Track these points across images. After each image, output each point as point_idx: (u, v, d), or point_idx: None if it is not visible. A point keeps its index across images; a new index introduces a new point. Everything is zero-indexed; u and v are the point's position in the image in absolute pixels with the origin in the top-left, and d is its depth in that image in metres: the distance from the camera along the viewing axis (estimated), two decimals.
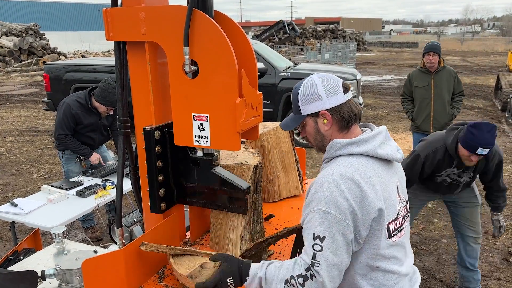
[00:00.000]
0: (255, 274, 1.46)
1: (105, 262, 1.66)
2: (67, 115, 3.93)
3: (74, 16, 40.87)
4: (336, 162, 1.47)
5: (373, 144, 1.48)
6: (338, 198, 1.36)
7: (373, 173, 1.44)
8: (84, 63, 8.60)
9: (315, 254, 1.35)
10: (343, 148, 1.49)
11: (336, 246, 1.35)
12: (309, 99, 1.53)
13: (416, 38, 61.84)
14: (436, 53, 4.81)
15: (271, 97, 7.58)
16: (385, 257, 1.46)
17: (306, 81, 1.57)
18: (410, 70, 21.25)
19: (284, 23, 23.04)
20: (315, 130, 1.57)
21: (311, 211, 1.40)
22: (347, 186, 1.37)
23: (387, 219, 1.44)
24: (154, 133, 1.84)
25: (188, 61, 1.68)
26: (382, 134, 1.54)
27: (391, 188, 1.50)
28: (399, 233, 1.51)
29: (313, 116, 1.55)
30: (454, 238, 4.36)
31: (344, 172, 1.41)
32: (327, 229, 1.35)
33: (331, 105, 1.50)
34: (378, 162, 1.49)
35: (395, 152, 1.53)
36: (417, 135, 5.17)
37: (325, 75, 1.56)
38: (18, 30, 24.16)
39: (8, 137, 8.72)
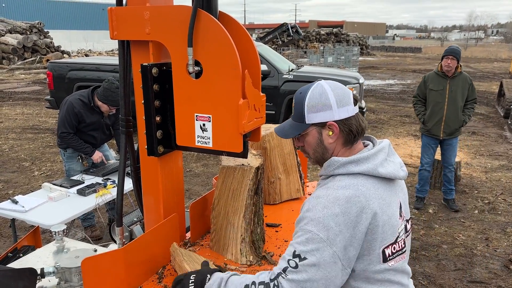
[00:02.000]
0: (218, 276, 1.41)
1: (104, 261, 1.66)
2: (69, 113, 3.93)
3: (79, 15, 41.02)
4: (334, 181, 1.37)
5: (374, 163, 1.38)
6: (329, 221, 1.26)
7: (373, 194, 1.33)
8: (88, 62, 8.61)
9: (287, 269, 1.28)
10: (342, 167, 1.38)
11: (313, 270, 1.25)
12: (317, 108, 1.41)
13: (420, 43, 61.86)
14: (455, 57, 4.75)
15: (274, 99, 7.59)
16: (379, 280, 1.37)
17: (314, 88, 1.44)
18: (413, 75, 21.36)
19: (287, 25, 23.07)
20: (317, 141, 1.45)
21: (300, 229, 1.32)
22: (342, 209, 1.28)
23: (383, 244, 1.34)
24: (151, 70, 1.77)
25: (191, 61, 1.68)
26: (384, 151, 1.43)
27: (392, 209, 1.39)
28: (398, 257, 1.40)
29: (319, 126, 1.43)
30: (454, 244, 4.36)
31: (341, 195, 1.30)
32: (309, 252, 1.25)
33: (340, 117, 1.40)
34: (379, 181, 1.38)
35: (398, 170, 1.42)
36: (426, 138, 5.14)
37: (335, 84, 1.46)
38: (22, 27, 24.23)
39: (10, 134, 8.73)
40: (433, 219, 4.99)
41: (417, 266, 3.97)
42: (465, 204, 5.45)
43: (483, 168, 6.85)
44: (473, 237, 4.55)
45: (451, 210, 5.21)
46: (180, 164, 2.16)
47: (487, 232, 4.67)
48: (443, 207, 5.32)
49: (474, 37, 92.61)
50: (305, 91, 1.46)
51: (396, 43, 66.27)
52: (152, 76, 1.79)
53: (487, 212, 5.21)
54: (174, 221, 1.99)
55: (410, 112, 11.31)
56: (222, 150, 1.79)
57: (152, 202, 2.06)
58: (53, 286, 1.90)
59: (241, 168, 1.92)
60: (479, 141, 8.68)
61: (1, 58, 21.88)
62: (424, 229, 4.74)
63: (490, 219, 5.01)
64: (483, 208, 5.31)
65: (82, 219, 4.33)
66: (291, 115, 1.53)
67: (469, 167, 6.91)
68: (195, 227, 2.18)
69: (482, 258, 4.13)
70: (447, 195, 5.29)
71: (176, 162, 2.11)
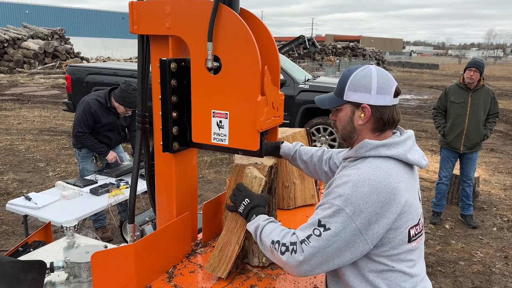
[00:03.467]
0: (259, 218, 1.58)
1: (114, 256, 1.62)
2: (86, 113, 3.95)
3: (99, 23, 41.85)
4: (365, 163, 1.42)
5: (404, 149, 1.44)
6: (358, 199, 1.33)
7: (401, 177, 1.40)
8: (106, 67, 8.72)
9: (311, 236, 1.37)
10: (374, 149, 1.43)
11: (334, 241, 1.34)
12: (357, 87, 1.45)
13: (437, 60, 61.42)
14: (478, 69, 4.64)
15: (289, 108, 7.55)
16: (402, 260, 1.43)
17: (363, 69, 1.48)
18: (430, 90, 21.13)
19: (304, 38, 23.14)
20: (348, 119, 1.50)
21: (327, 202, 1.40)
22: (372, 189, 1.34)
23: (409, 224, 1.41)
24: (170, 64, 1.75)
25: (210, 56, 1.65)
26: (412, 139, 1.51)
27: (415, 193, 1.48)
28: (418, 238, 1.48)
29: (353, 105, 1.47)
30: (472, 261, 4.23)
31: (373, 175, 1.36)
32: (334, 224, 1.34)
33: (376, 103, 1.44)
34: (405, 166, 1.45)
35: (421, 159, 1.50)
36: (445, 151, 5.02)
37: (383, 71, 1.48)
38: (44, 33, 24.79)
39: (27, 136, 8.85)
40: (449, 235, 4.86)
41: (433, 281, 3.84)
42: (483, 221, 5.30)
43: (501, 186, 6.68)
44: (491, 254, 4.41)
45: (469, 226, 5.07)
46: (194, 162, 2.12)
47: (506, 250, 4.51)
48: (460, 223, 5.17)
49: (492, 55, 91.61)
50: (354, 69, 1.50)
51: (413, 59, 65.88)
52: (170, 71, 1.78)
53: (506, 230, 5.06)
54: (186, 220, 1.95)
55: (426, 127, 11.15)
56: (238, 148, 1.76)
57: (165, 200, 2.03)
58: (61, 281, 1.87)
59: (254, 166, 1.87)
60: (498, 158, 8.49)
61: (23, 62, 22.37)
62: (440, 244, 4.60)
63: (510, 237, 4.85)
64: (502, 226, 5.15)
65: (93, 220, 4.33)
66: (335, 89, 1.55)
67: (488, 184, 6.74)
68: (207, 228, 2.13)
69: (501, 276, 3.98)
70: (465, 211, 5.15)
71: (191, 160, 2.08)
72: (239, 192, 1.71)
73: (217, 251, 1.82)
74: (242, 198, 1.68)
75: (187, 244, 2.00)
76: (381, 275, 1.42)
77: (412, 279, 1.46)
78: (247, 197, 1.67)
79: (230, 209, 1.75)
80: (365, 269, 1.43)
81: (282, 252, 1.41)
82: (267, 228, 1.53)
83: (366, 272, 1.43)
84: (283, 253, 1.41)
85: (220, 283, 1.78)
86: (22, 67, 22.18)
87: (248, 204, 1.65)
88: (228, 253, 1.79)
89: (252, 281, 1.80)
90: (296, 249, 1.38)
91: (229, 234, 1.81)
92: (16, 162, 6.99)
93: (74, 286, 1.83)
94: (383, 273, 1.42)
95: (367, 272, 1.42)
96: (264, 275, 1.85)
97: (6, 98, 13.90)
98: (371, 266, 1.42)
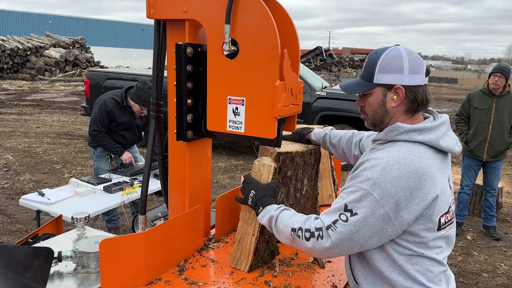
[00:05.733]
0: (269, 210, 1.53)
1: (124, 244, 1.56)
2: (102, 112, 3.94)
3: (119, 34, 42.66)
4: (395, 146, 1.37)
5: (436, 135, 1.38)
6: (386, 183, 1.27)
7: (433, 163, 1.34)
8: (125, 72, 8.81)
9: (337, 221, 1.32)
10: (405, 133, 1.37)
11: (362, 226, 1.29)
12: (389, 69, 1.39)
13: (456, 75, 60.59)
14: (504, 75, 4.46)
15: (306, 116, 7.46)
16: (430, 247, 1.38)
17: (391, 50, 1.42)
18: (449, 103, 20.75)
19: (321, 49, 23.11)
20: (380, 103, 1.43)
21: (354, 185, 1.34)
22: (402, 174, 1.28)
23: (440, 212, 1.35)
24: (186, 49, 1.71)
25: (228, 40, 1.60)
26: (446, 124, 1.44)
27: (445, 180, 1.41)
28: (448, 226, 1.42)
29: (385, 88, 1.41)
30: (496, 273, 4.04)
31: (403, 159, 1.31)
32: (362, 208, 1.29)
33: (409, 83, 1.38)
34: (436, 153, 1.39)
35: (454, 145, 1.43)
36: (468, 159, 4.83)
37: (412, 51, 1.43)
38: (65, 42, 25.36)
39: (45, 139, 8.96)
40: (471, 246, 4.66)
41: None
42: (507, 233, 5.08)
43: None
44: None
45: (492, 238, 4.86)
46: (209, 154, 2.06)
47: None
48: (483, 235, 4.97)
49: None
50: (381, 51, 1.44)
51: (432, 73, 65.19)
52: (186, 56, 1.73)
53: None
54: (199, 212, 1.88)
55: None
56: (254, 136, 1.69)
57: (177, 192, 1.96)
58: (69, 271, 1.81)
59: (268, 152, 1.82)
60: None
61: (44, 70, 22.87)
62: (462, 255, 4.42)
63: None
64: None
65: (106, 221, 4.29)
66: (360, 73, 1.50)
67: (511, 196, 6.50)
68: (221, 223, 2.06)
69: None
70: (488, 222, 4.94)
71: (205, 151, 2.01)
72: (246, 184, 1.68)
73: (236, 243, 1.77)
74: (249, 190, 1.65)
75: (199, 237, 1.92)
76: (410, 260, 1.37)
77: (440, 265, 1.42)
78: (253, 189, 1.64)
79: (242, 201, 1.72)
80: (393, 253, 1.37)
81: (307, 238, 1.36)
82: (282, 217, 1.48)
83: (395, 256, 1.37)
84: (308, 239, 1.36)
85: (233, 277, 1.70)
86: (43, 74, 22.67)
87: (254, 196, 1.62)
88: (246, 245, 1.72)
89: (267, 277, 1.71)
90: (323, 235, 1.34)
91: (245, 225, 1.74)
92: (33, 163, 7.05)
93: (82, 277, 1.77)
94: (412, 258, 1.37)
95: (396, 256, 1.37)
96: (279, 271, 1.76)
97: (27, 103, 14.16)
98: (400, 250, 1.37)
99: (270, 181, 1.67)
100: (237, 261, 1.76)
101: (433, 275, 1.40)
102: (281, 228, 1.46)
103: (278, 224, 1.48)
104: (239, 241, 1.75)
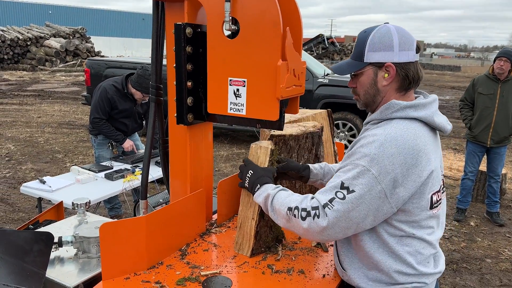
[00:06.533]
0: (266, 188, 1.51)
1: (125, 228, 1.53)
2: (102, 99, 3.91)
3: (119, 24, 42.36)
4: (391, 124, 1.36)
5: (430, 111, 1.39)
6: (384, 159, 1.26)
7: (427, 140, 1.35)
8: (125, 61, 8.74)
9: (334, 199, 1.29)
10: (401, 110, 1.36)
11: (359, 203, 1.27)
12: (378, 47, 1.37)
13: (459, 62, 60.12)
14: (509, 60, 4.37)
15: (308, 103, 7.40)
16: (422, 226, 1.38)
17: (380, 27, 1.40)
18: (451, 91, 20.63)
19: (323, 37, 22.89)
20: (371, 82, 1.42)
21: (350, 163, 1.32)
22: (399, 150, 1.27)
23: (432, 190, 1.35)
24: (185, 29, 1.66)
25: (228, 18, 1.55)
26: (436, 102, 1.44)
27: (438, 159, 1.41)
28: (439, 205, 1.42)
29: (376, 66, 1.39)
30: (499, 259, 4.03)
31: (400, 136, 1.30)
32: (359, 185, 1.27)
33: (400, 60, 1.36)
34: (429, 130, 1.39)
35: (446, 123, 1.45)
36: (472, 145, 4.77)
37: (401, 28, 1.41)
38: (66, 32, 25.17)
39: (46, 128, 8.94)
40: (475, 232, 4.64)
41: (457, 278, 3.66)
42: (510, 219, 5.06)
43: None
44: None
45: (495, 224, 4.84)
46: (210, 138, 2.03)
47: None
48: (486, 221, 4.95)
49: None
50: (370, 30, 1.42)
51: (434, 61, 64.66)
52: (185, 36, 1.68)
53: None
54: (200, 197, 1.85)
55: None
56: (256, 119, 1.65)
57: (178, 177, 1.94)
58: (70, 256, 1.79)
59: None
60: None
61: (44, 60, 22.76)
62: (466, 241, 4.40)
63: None
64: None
65: (108, 208, 4.28)
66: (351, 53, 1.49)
67: None
68: (222, 207, 2.03)
69: None
70: (491, 208, 4.92)
71: (206, 135, 1.98)
72: (244, 166, 1.66)
73: (238, 228, 1.75)
74: (247, 171, 1.62)
75: (201, 222, 1.90)
76: (400, 241, 1.37)
77: (431, 247, 1.41)
78: (251, 169, 1.62)
79: (240, 185, 1.70)
80: (384, 234, 1.36)
81: (303, 218, 1.33)
82: (280, 196, 1.46)
83: (385, 237, 1.36)
84: (304, 219, 1.33)
85: (236, 261, 1.68)
86: (44, 64, 22.57)
87: (252, 176, 1.59)
88: (247, 229, 1.70)
89: (269, 261, 1.69)
90: (319, 214, 1.31)
91: (245, 209, 1.71)
92: (34, 153, 7.04)
93: (83, 262, 1.75)
94: (403, 239, 1.37)
95: (386, 237, 1.36)
96: (282, 255, 1.73)
97: (28, 94, 14.12)
98: (391, 231, 1.36)
99: (268, 166, 1.65)
100: (239, 246, 1.74)
101: (423, 257, 1.40)
102: (277, 207, 1.43)
103: (274, 203, 1.45)
104: (240, 226, 1.73)
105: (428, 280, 1.44)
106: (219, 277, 1.55)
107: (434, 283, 1.50)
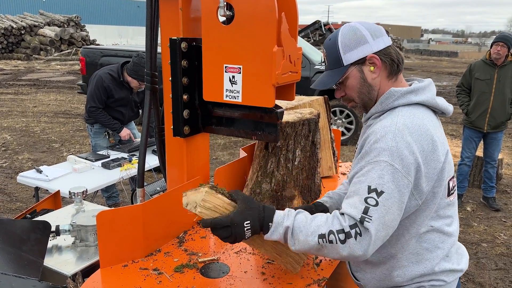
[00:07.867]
0: (280, 222, 1.24)
1: (122, 216, 1.54)
2: (98, 87, 3.88)
3: (114, 11, 41.88)
4: (395, 113, 1.29)
5: (431, 93, 1.35)
6: (403, 150, 1.19)
7: (434, 124, 1.31)
8: (121, 49, 8.66)
9: (368, 209, 1.16)
10: (402, 97, 1.31)
11: (391, 204, 1.17)
12: (352, 45, 1.34)
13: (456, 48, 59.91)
14: (506, 44, 4.36)
15: (305, 90, 7.35)
16: (441, 216, 1.33)
17: (342, 29, 1.37)
18: (449, 77, 20.60)
19: (320, 23, 22.74)
20: (360, 81, 1.37)
21: (369, 163, 1.21)
22: (415, 137, 1.21)
23: (448, 175, 1.31)
24: (180, 44, 1.66)
25: (223, 3, 1.53)
26: (433, 85, 1.40)
27: (446, 143, 1.36)
28: (454, 192, 1.39)
29: (358, 64, 1.35)
30: (495, 243, 4.07)
31: (410, 122, 1.24)
32: (386, 184, 1.17)
33: (378, 48, 1.33)
34: (433, 114, 1.36)
35: (447, 104, 1.41)
36: (468, 131, 4.79)
37: (362, 21, 1.40)
38: (60, 20, 24.88)
39: (42, 118, 8.90)
40: (471, 217, 4.68)
41: None
42: (507, 204, 5.10)
43: None
44: None
45: (491, 209, 4.88)
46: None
47: None
48: (482, 206, 4.99)
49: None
50: (334, 34, 1.40)
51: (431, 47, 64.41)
52: (181, 51, 1.68)
53: None
54: (197, 184, 1.85)
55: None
56: (252, 106, 1.64)
57: (175, 165, 1.93)
58: (68, 245, 1.79)
59: None
60: None
61: (39, 49, 22.54)
62: (462, 226, 4.44)
63: None
64: None
65: (106, 197, 4.29)
66: (326, 66, 1.45)
67: (511, 167, 6.50)
68: None
69: None
70: (487, 193, 4.95)
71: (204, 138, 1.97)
72: (223, 229, 1.24)
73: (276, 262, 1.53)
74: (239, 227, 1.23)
75: None
76: (420, 239, 1.32)
77: (449, 239, 1.36)
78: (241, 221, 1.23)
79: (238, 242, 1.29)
80: (405, 235, 1.30)
81: (342, 241, 1.16)
82: (300, 224, 1.22)
83: (404, 235, 1.31)
84: (344, 242, 1.15)
85: (233, 248, 1.69)
86: (38, 53, 22.36)
87: (253, 221, 1.24)
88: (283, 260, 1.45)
89: None
90: (360, 231, 1.15)
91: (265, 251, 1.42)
92: (31, 142, 7.02)
93: (81, 250, 1.76)
94: (422, 235, 1.32)
95: (406, 234, 1.31)
96: None
97: (23, 83, 14.02)
98: (412, 232, 1.31)
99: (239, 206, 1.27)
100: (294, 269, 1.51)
101: (443, 252, 1.34)
102: (302, 238, 1.21)
103: (297, 234, 1.22)
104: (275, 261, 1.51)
105: (448, 278, 1.36)
106: (217, 263, 1.56)
107: (455, 282, 1.42)
